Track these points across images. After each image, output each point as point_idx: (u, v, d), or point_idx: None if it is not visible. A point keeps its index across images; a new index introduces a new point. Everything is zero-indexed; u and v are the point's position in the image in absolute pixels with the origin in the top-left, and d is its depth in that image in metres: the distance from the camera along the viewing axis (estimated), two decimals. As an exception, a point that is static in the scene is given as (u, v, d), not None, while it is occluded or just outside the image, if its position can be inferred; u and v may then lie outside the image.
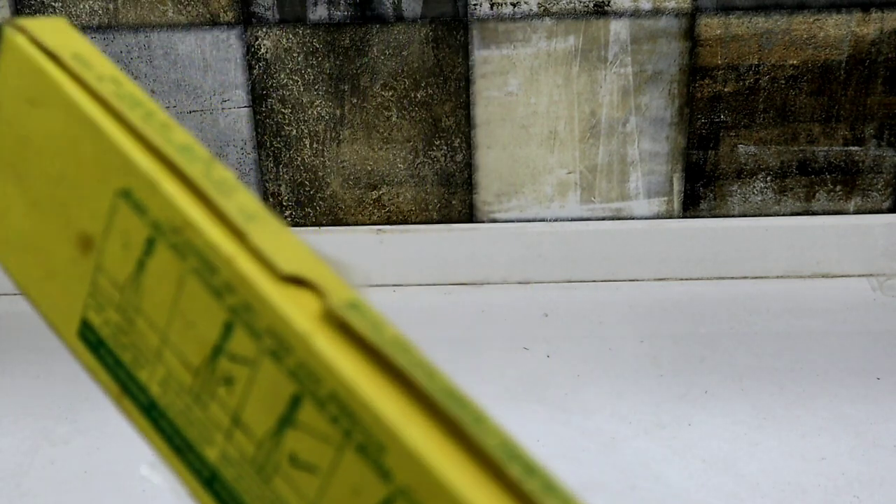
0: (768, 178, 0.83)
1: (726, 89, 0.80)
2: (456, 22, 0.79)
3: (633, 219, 0.85)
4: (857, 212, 0.85)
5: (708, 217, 0.85)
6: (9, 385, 0.75)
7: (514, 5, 0.78)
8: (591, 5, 0.78)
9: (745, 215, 0.85)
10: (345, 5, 0.78)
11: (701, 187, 0.84)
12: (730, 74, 0.80)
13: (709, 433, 0.67)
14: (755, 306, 0.82)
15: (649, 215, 0.85)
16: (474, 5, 0.78)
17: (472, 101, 0.81)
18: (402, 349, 0.22)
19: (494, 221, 0.85)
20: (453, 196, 0.85)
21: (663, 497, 0.62)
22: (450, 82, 0.81)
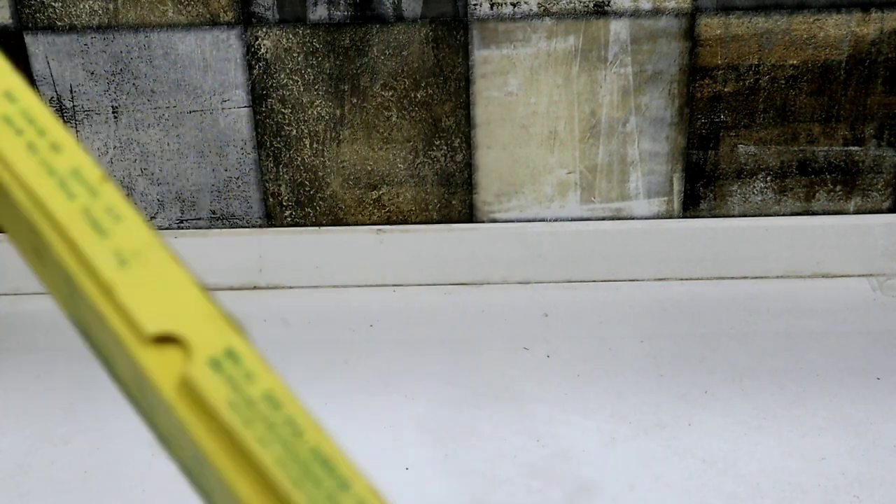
0: (768, 178, 0.83)
1: (726, 89, 0.80)
2: (456, 22, 0.79)
3: (633, 219, 0.85)
4: (857, 212, 0.85)
5: (708, 217, 0.85)
6: (9, 385, 0.75)
7: (514, 5, 0.78)
8: (591, 5, 0.78)
9: (745, 215, 0.85)
10: (345, 5, 0.78)
11: (701, 187, 0.84)
12: (730, 74, 0.80)
13: (709, 433, 0.67)
14: (755, 306, 0.82)
15: (649, 215, 0.85)
16: (474, 5, 0.78)
17: (472, 101, 0.81)
18: (273, 405, 0.22)
19: (494, 221, 0.85)
20: (453, 196, 0.85)
21: (663, 497, 0.62)
22: (450, 82, 0.81)
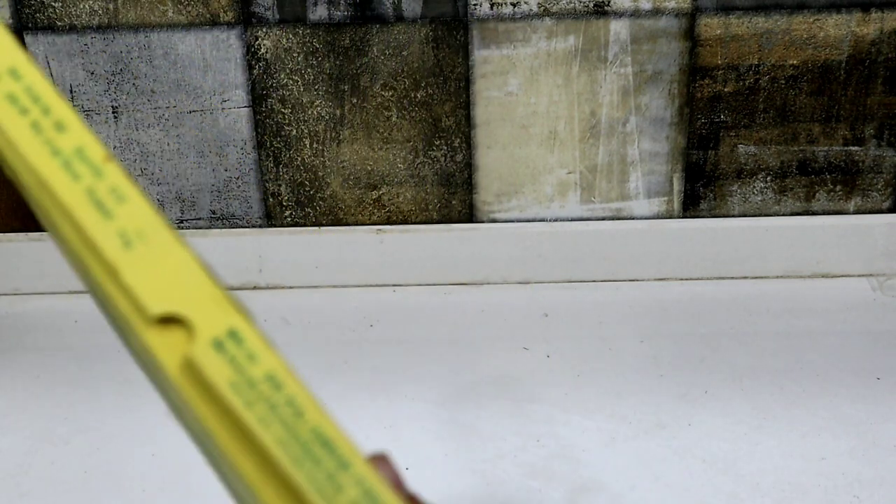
0: (768, 178, 0.83)
1: (726, 89, 0.80)
2: (456, 22, 0.79)
3: (633, 219, 0.85)
4: (857, 212, 0.85)
5: (708, 217, 0.85)
6: (9, 385, 0.75)
7: (514, 5, 0.78)
8: (591, 5, 0.78)
9: (745, 215, 0.85)
10: (345, 5, 0.78)
11: (701, 187, 0.84)
12: (730, 74, 0.80)
13: (709, 433, 0.67)
14: (755, 306, 0.82)
15: (649, 215, 0.85)
16: (474, 5, 0.78)
17: (472, 101, 0.81)
18: (275, 386, 0.22)
19: (494, 221, 0.85)
20: (453, 196, 0.85)
21: (663, 497, 0.62)
22: (450, 82, 0.81)
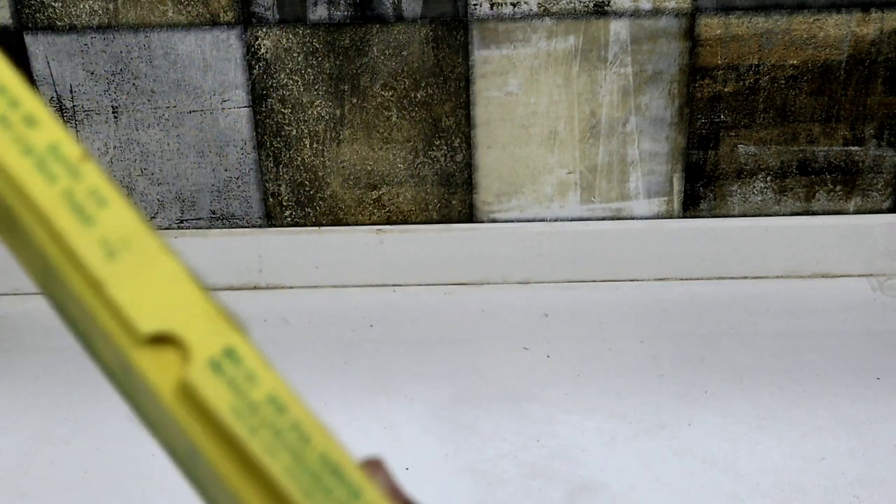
0: (768, 178, 0.83)
1: (726, 89, 0.80)
2: (456, 22, 0.79)
3: (633, 219, 0.85)
4: (857, 212, 0.85)
5: (708, 217, 0.85)
6: (9, 385, 0.75)
7: (514, 5, 0.78)
8: (591, 5, 0.78)
9: (745, 215, 0.85)
10: (345, 5, 0.78)
11: (701, 187, 0.84)
12: (730, 74, 0.80)
13: (709, 433, 0.67)
14: (755, 306, 0.82)
15: (649, 215, 0.85)
16: (474, 5, 0.78)
17: (472, 101, 0.81)
18: (278, 409, 0.21)
19: (494, 221, 0.85)
20: (453, 196, 0.85)
21: (663, 497, 0.62)
22: (450, 82, 0.81)
